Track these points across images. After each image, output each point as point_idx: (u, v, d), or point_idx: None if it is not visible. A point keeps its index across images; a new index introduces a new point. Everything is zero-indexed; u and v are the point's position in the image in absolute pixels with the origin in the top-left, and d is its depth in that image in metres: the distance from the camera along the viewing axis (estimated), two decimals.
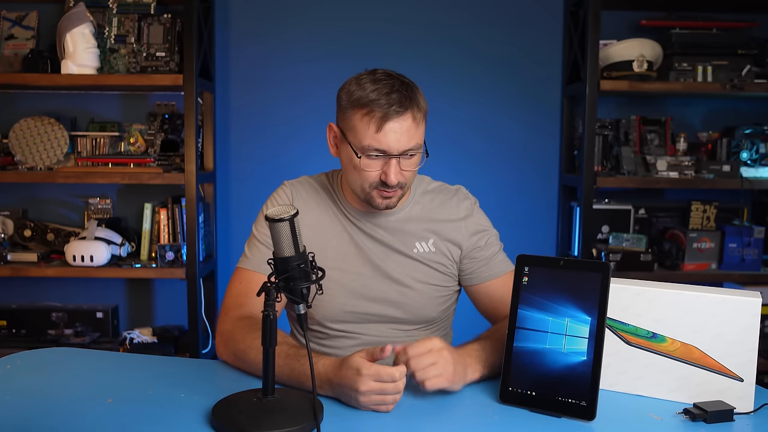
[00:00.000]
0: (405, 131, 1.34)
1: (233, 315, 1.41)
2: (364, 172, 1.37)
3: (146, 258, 2.71)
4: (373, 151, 1.35)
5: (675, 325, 1.20)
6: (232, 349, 1.35)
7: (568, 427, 1.12)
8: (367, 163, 1.36)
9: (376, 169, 1.37)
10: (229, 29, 2.84)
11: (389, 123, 1.33)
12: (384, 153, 1.35)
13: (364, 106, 1.34)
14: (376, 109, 1.33)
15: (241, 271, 1.47)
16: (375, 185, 1.38)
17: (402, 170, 1.37)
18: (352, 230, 1.49)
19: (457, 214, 1.51)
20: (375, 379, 1.13)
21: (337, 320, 1.48)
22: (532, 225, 2.93)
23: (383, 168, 1.36)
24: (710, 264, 2.74)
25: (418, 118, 1.36)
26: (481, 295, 1.53)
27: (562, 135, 2.90)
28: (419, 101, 1.37)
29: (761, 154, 2.73)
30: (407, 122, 1.34)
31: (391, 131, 1.33)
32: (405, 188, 1.41)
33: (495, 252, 1.52)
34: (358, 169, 1.38)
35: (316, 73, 2.84)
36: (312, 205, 1.51)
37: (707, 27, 2.72)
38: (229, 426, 1.05)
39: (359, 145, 1.36)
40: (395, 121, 1.33)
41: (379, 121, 1.33)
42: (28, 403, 1.17)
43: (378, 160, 1.36)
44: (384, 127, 1.33)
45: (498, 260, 1.52)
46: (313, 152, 2.84)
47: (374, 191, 1.39)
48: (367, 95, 1.34)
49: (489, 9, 2.86)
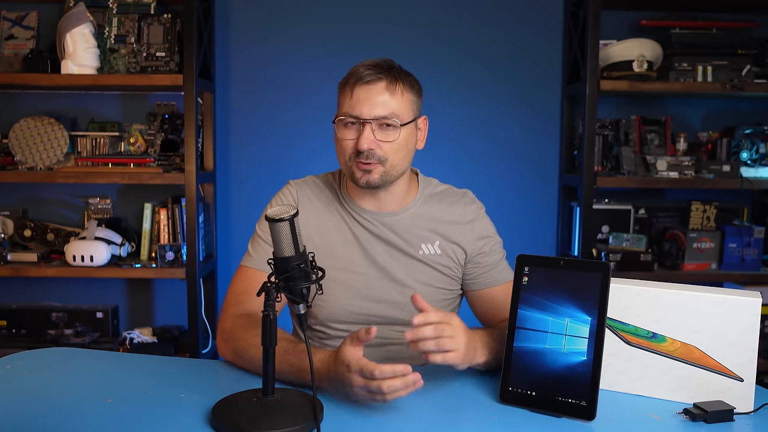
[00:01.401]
0: (377, 99, 1.36)
1: (233, 312, 1.41)
2: (342, 141, 1.40)
3: (146, 258, 2.71)
4: (348, 117, 1.38)
5: (675, 325, 1.20)
6: (232, 346, 1.36)
7: (568, 427, 1.12)
8: (344, 132, 1.39)
9: (351, 138, 1.38)
10: (229, 29, 2.84)
11: (360, 87, 1.37)
12: (357, 118, 1.37)
13: (345, 79, 1.41)
14: (351, 77, 1.39)
15: (243, 269, 1.48)
16: (352, 156, 1.39)
17: (378, 140, 1.37)
18: (357, 230, 1.48)
19: (464, 217, 1.51)
20: (361, 375, 1.12)
21: (341, 321, 1.48)
22: (532, 225, 2.93)
23: (357, 136, 1.37)
24: (710, 264, 2.74)
25: (395, 89, 1.38)
26: (481, 301, 1.53)
27: (562, 135, 2.90)
28: (400, 76, 1.40)
29: (761, 154, 2.73)
30: (379, 88, 1.37)
31: (363, 96, 1.37)
32: (386, 165, 1.39)
33: (498, 259, 1.53)
34: (338, 141, 1.41)
35: (316, 73, 2.84)
36: (317, 205, 1.51)
37: (707, 27, 2.72)
38: (229, 426, 1.05)
39: (339, 114, 1.40)
40: (366, 87, 1.36)
41: (352, 86, 1.38)
42: (28, 403, 1.17)
43: (353, 128, 1.38)
44: (355, 92, 1.37)
45: (501, 268, 1.53)
46: (314, 152, 2.84)
47: (353, 164, 1.39)
48: (350, 72, 1.40)
49: (489, 9, 2.87)
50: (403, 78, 1.40)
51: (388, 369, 1.10)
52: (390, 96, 1.37)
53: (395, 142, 1.39)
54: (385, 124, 1.37)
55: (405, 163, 1.44)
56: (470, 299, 1.56)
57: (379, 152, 1.37)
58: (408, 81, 1.42)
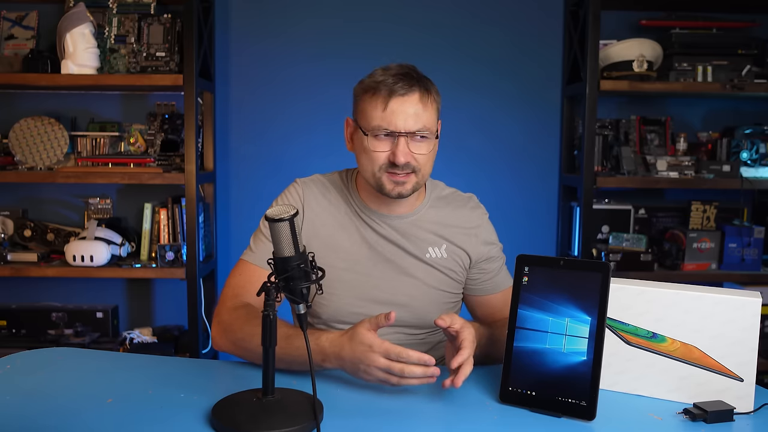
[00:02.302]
0: (412, 110, 1.36)
1: (230, 305, 1.41)
2: (373, 153, 1.38)
3: (146, 258, 2.71)
4: (381, 130, 1.36)
5: (675, 325, 1.20)
6: (231, 338, 1.36)
7: (568, 427, 1.12)
8: (375, 144, 1.37)
9: (384, 150, 1.37)
10: (229, 29, 2.84)
11: (394, 101, 1.35)
12: (392, 132, 1.36)
13: (371, 89, 1.38)
14: (382, 88, 1.36)
15: (243, 264, 1.47)
16: (384, 167, 1.38)
17: (412, 152, 1.37)
18: (365, 230, 1.48)
19: (470, 222, 1.52)
20: (384, 355, 1.15)
21: (344, 321, 1.47)
22: (532, 225, 2.93)
23: (392, 149, 1.37)
24: (710, 264, 2.74)
25: (426, 100, 1.38)
26: (480, 307, 1.55)
27: (562, 135, 2.90)
28: (428, 86, 1.40)
29: (761, 154, 2.73)
30: (413, 101, 1.36)
31: (398, 109, 1.35)
32: (418, 176, 1.40)
33: (500, 266, 1.55)
34: (368, 152, 1.39)
35: (316, 73, 2.84)
36: (324, 205, 1.50)
37: (707, 27, 2.72)
38: (229, 426, 1.05)
39: (368, 126, 1.38)
40: (401, 99, 1.35)
41: (385, 99, 1.36)
42: (28, 403, 1.17)
43: (386, 140, 1.37)
44: (390, 105, 1.35)
45: (503, 275, 1.55)
46: (314, 152, 2.84)
47: (384, 175, 1.39)
48: (375, 79, 1.38)
49: (489, 9, 2.86)
50: (430, 87, 1.40)
51: (415, 355, 1.14)
52: (423, 108, 1.37)
53: (428, 154, 1.40)
54: (419, 136, 1.37)
55: (431, 171, 1.45)
56: (470, 304, 1.57)
57: (413, 163, 1.38)
58: (434, 89, 1.42)
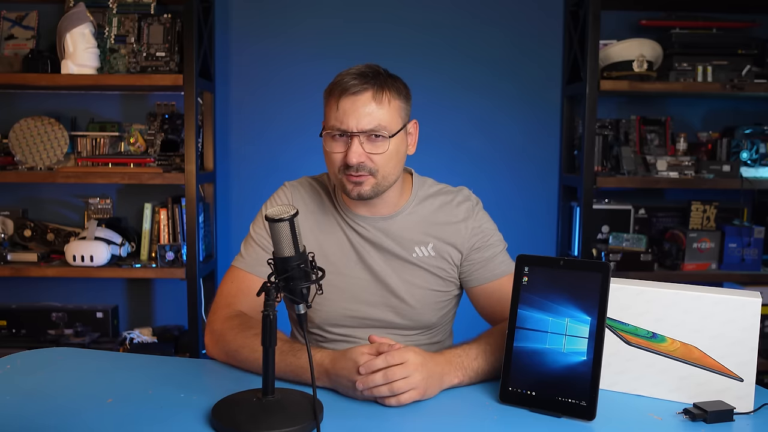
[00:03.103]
0: (363, 110, 1.32)
1: (222, 314, 1.40)
2: (330, 154, 1.36)
3: (146, 258, 2.71)
4: (335, 130, 1.34)
5: (675, 325, 1.20)
6: (223, 348, 1.35)
7: (568, 427, 1.12)
8: (332, 145, 1.36)
9: (339, 151, 1.35)
10: (229, 29, 2.84)
11: (346, 99, 1.32)
12: (344, 132, 1.33)
13: (330, 89, 1.36)
14: (336, 88, 1.34)
15: (234, 271, 1.47)
16: (342, 168, 1.36)
17: (367, 153, 1.34)
18: (350, 234, 1.47)
19: (456, 216, 1.49)
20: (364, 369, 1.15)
21: (337, 324, 1.47)
22: (532, 225, 2.93)
23: (345, 149, 1.34)
24: (710, 264, 2.74)
25: (382, 98, 1.34)
26: (479, 297, 1.51)
27: (562, 135, 2.90)
28: (387, 84, 1.36)
29: (761, 154, 2.73)
30: (365, 99, 1.33)
31: (349, 108, 1.32)
32: (377, 176, 1.36)
33: (495, 253, 1.49)
34: (327, 154, 1.38)
35: (316, 72, 2.84)
36: (312, 208, 1.50)
37: (707, 27, 2.72)
38: (229, 426, 1.05)
39: (326, 126, 1.37)
40: (352, 98, 1.32)
41: (337, 98, 1.34)
42: (28, 403, 1.17)
43: (341, 141, 1.35)
44: (341, 104, 1.33)
45: (498, 262, 1.49)
46: (314, 152, 2.82)
47: (344, 177, 1.37)
48: (334, 81, 1.36)
49: (489, 9, 2.86)
50: (389, 85, 1.36)
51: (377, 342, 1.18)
52: (377, 106, 1.33)
53: (385, 154, 1.35)
54: (374, 135, 1.34)
55: (396, 172, 1.41)
56: (470, 296, 1.54)
57: (369, 164, 1.35)
58: (395, 87, 1.37)
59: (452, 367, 1.25)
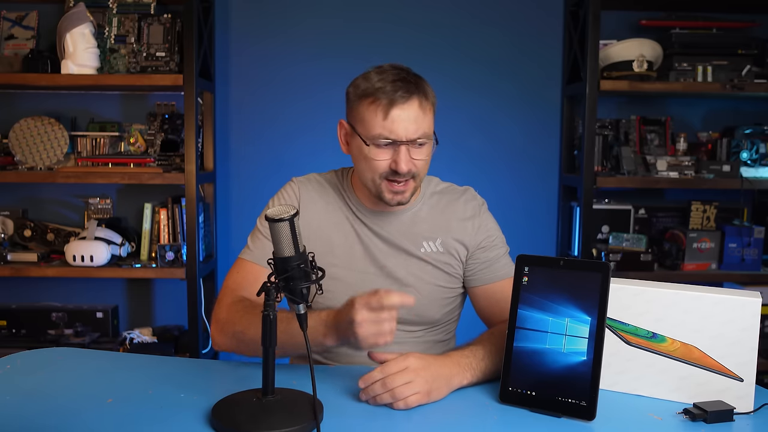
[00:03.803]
0: (412, 118, 1.35)
1: (227, 302, 1.41)
2: (374, 161, 1.37)
3: (146, 258, 2.71)
4: (382, 139, 1.35)
5: (675, 325, 1.20)
6: (230, 331, 1.36)
7: (568, 427, 1.12)
8: (377, 152, 1.36)
9: (385, 158, 1.36)
10: (229, 29, 2.84)
11: (395, 109, 1.34)
12: (393, 141, 1.35)
13: (370, 95, 1.36)
14: (381, 96, 1.34)
15: (241, 262, 1.47)
16: (385, 175, 1.38)
17: (412, 159, 1.37)
18: (360, 228, 1.48)
19: (464, 213, 1.51)
20: (367, 308, 1.15)
21: None
22: (532, 225, 2.93)
23: (393, 157, 1.36)
24: (710, 264, 2.74)
25: (425, 106, 1.37)
26: (480, 298, 1.52)
27: (562, 135, 2.90)
28: (426, 90, 1.38)
29: (761, 154, 2.72)
30: (413, 108, 1.35)
31: (398, 117, 1.34)
32: (417, 180, 1.41)
33: (499, 255, 1.51)
34: (368, 159, 1.38)
35: (316, 72, 2.84)
36: (320, 203, 1.50)
37: (707, 27, 2.72)
38: (229, 426, 1.05)
39: (369, 134, 1.36)
40: (401, 107, 1.34)
41: (386, 107, 1.34)
42: (28, 403, 1.17)
43: (387, 148, 1.36)
44: (391, 114, 1.34)
45: (501, 264, 1.51)
46: (314, 152, 2.84)
47: (384, 183, 1.38)
48: (372, 85, 1.36)
49: (489, 9, 2.86)
50: (427, 91, 1.39)
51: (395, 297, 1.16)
52: (422, 114, 1.36)
53: (426, 158, 1.40)
54: (418, 143, 1.37)
55: (426, 173, 1.46)
56: (471, 296, 1.55)
57: (413, 170, 1.38)
58: (429, 90, 1.40)
59: (461, 368, 1.25)
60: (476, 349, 1.30)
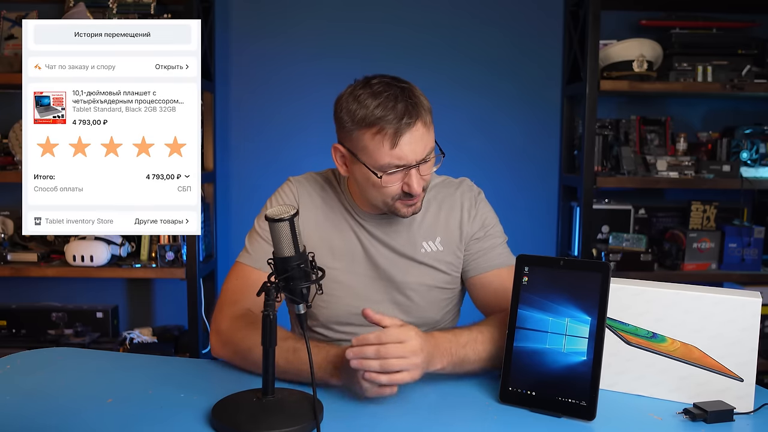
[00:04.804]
0: (419, 141, 1.31)
1: (229, 313, 1.39)
2: (386, 188, 1.34)
3: (146, 258, 2.71)
4: (393, 168, 1.31)
5: (675, 325, 1.20)
6: (233, 349, 1.35)
7: (568, 427, 1.12)
8: (388, 180, 1.33)
9: (397, 183, 1.34)
10: (229, 29, 2.84)
11: (403, 137, 1.30)
12: (404, 166, 1.32)
13: (372, 125, 1.30)
14: (386, 126, 1.29)
15: (240, 267, 1.45)
16: (398, 197, 1.36)
17: (422, 176, 1.35)
18: (358, 230, 1.47)
19: (460, 204, 1.50)
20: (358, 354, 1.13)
21: (342, 322, 1.46)
22: (532, 225, 2.93)
23: (404, 180, 1.33)
24: (710, 264, 2.74)
25: (427, 122, 1.34)
26: (475, 288, 1.49)
27: (562, 135, 2.90)
28: (423, 104, 1.34)
29: (761, 154, 2.73)
30: (419, 131, 1.31)
31: (407, 144, 1.30)
32: (426, 190, 1.40)
33: (495, 245, 1.49)
34: (378, 186, 1.34)
35: (316, 72, 2.84)
36: (318, 204, 1.48)
37: (707, 27, 2.72)
38: (229, 426, 1.05)
39: (376, 164, 1.32)
40: (408, 134, 1.30)
41: (393, 137, 1.29)
42: (28, 403, 1.17)
43: (398, 173, 1.33)
44: (399, 142, 1.29)
45: (497, 253, 1.48)
46: (314, 152, 2.83)
47: (397, 203, 1.37)
48: (371, 113, 1.29)
49: (489, 9, 2.86)
50: (423, 104, 1.34)
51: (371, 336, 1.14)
52: (426, 132, 1.34)
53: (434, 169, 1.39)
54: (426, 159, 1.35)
55: None
56: (467, 287, 1.52)
57: (424, 185, 1.37)
58: (425, 101, 1.36)
59: (439, 351, 1.22)
60: (460, 335, 1.27)
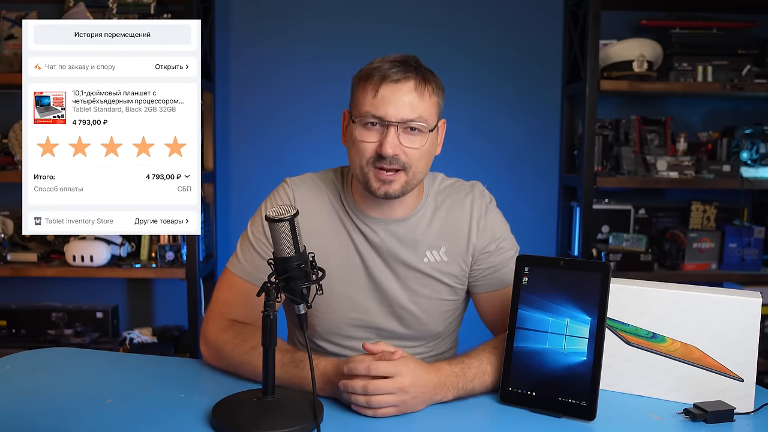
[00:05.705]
0: (405, 99, 1.25)
1: (216, 325, 1.35)
2: (361, 143, 1.27)
3: (146, 258, 2.71)
4: (369, 117, 1.26)
5: (675, 325, 1.20)
6: (222, 363, 1.33)
7: (568, 427, 1.12)
8: (363, 133, 1.27)
9: (372, 141, 1.27)
10: (229, 29, 2.84)
11: (386, 86, 1.25)
12: (381, 120, 1.26)
13: (366, 76, 1.29)
14: (375, 74, 1.27)
15: (230, 277, 1.39)
16: (372, 161, 1.27)
17: (403, 146, 1.26)
18: (356, 237, 1.38)
19: (470, 213, 1.41)
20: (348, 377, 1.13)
21: (340, 333, 1.40)
22: (532, 225, 2.93)
23: (380, 139, 1.26)
24: (710, 264, 2.74)
25: (423, 89, 1.27)
26: (484, 305, 1.44)
27: (562, 135, 2.90)
28: (427, 75, 1.30)
29: (761, 154, 2.73)
30: (407, 88, 1.26)
31: (389, 95, 1.25)
32: (409, 174, 1.29)
33: (505, 260, 1.41)
34: (355, 142, 1.28)
35: (316, 73, 2.84)
36: (315, 207, 1.40)
37: (707, 27, 2.72)
38: (229, 426, 1.05)
39: (358, 113, 1.28)
40: (393, 85, 1.25)
41: (377, 84, 1.26)
42: (28, 403, 1.17)
43: (375, 130, 1.27)
44: (381, 90, 1.25)
45: (507, 269, 1.39)
46: (314, 152, 2.84)
47: (371, 171, 1.28)
48: (371, 66, 1.30)
49: (489, 9, 2.86)
50: (430, 78, 1.30)
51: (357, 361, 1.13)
52: (418, 97, 1.26)
53: (420, 149, 1.28)
54: (410, 128, 1.27)
55: (425, 171, 1.34)
56: (474, 302, 1.47)
57: (403, 158, 1.27)
58: (435, 82, 1.32)
59: (445, 388, 1.18)
60: (468, 368, 1.22)
